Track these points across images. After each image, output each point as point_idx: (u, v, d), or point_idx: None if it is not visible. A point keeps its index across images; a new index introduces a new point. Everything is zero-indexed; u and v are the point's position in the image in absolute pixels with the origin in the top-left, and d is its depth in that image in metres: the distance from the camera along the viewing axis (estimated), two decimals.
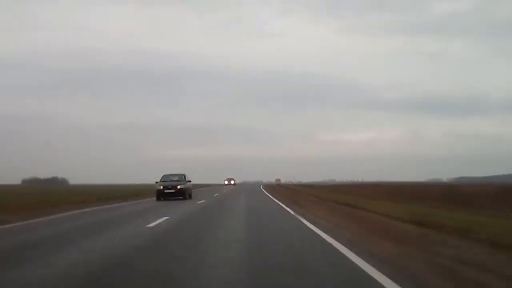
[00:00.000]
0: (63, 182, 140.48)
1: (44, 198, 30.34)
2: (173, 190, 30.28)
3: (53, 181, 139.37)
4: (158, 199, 30.39)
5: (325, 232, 11.42)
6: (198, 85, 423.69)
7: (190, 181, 32.99)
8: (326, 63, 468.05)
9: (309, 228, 12.87)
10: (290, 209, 20.49)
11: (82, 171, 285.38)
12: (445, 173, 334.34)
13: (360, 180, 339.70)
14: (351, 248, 8.76)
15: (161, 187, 30.70)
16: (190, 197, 32.52)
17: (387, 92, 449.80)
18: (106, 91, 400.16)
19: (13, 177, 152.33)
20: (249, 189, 61.00)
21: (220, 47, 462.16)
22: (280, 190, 57.86)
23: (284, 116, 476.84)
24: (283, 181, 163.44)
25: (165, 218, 16.20)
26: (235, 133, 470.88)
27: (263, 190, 54.90)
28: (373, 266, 6.95)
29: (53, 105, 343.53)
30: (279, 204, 24.27)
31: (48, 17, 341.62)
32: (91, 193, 43.70)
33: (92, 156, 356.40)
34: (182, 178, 32.20)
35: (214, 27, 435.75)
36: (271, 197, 34.14)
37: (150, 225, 13.93)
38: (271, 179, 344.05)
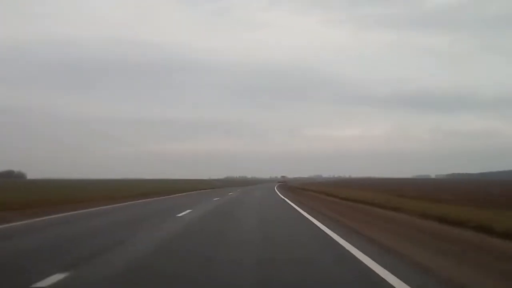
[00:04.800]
0: (20, 176, 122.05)
1: None
2: None
3: (7, 175, 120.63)
4: None
5: None
6: (184, 78, 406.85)
7: None
8: (313, 57, 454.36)
9: None
10: None
11: (43, 165, 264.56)
12: (438, 170, 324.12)
13: (348, 176, 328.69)
14: None
15: None
16: None
17: (376, 87, 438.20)
18: (78, 82, 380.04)
19: None
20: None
21: (207, 39, 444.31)
22: None
23: (272, 111, 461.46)
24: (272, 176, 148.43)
25: None
26: (220, 127, 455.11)
27: None
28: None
29: (17, 95, 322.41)
30: None
31: (38, 6, 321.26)
32: None
33: (55, 150, 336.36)
34: None
35: (201, 18, 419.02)
36: None
37: None
38: (256, 174, 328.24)
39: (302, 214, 18.35)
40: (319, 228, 12.94)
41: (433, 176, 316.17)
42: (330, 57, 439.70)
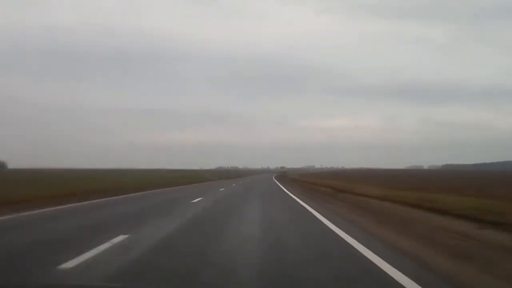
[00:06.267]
0: (0, 166, 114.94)
1: None
2: None
3: None
4: None
5: None
6: (174, 68, 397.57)
7: None
8: (305, 46, 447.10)
9: None
10: None
11: (25, 154, 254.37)
12: (432, 161, 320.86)
13: (340, 167, 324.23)
14: None
15: None
16: None
17: (370, 77, 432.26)
18: (64, 70, 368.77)
19: None
20: None
21: (197, 28, 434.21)
22: None
23: (263, 101, 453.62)
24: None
25: None
26: (209, 117, 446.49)
27: None
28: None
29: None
30: None
31: None
32: None
33: (38, 138, 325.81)
34: None
35: (190, 7, 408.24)
36: None
37: None
38: (247, 164, 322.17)
39: None
40: None
41: (426, 167, 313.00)
42: (321, 46, 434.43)
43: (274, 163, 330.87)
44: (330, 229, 10.37)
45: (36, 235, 9.35)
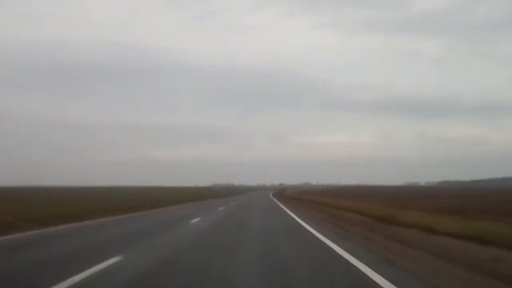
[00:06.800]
0: None
1: None
2: None
3: None
4: None
5: None
6: (168, 83, 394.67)
7: None
8: (300, 61, 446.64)
9: None
10: None
11: (12, 172, 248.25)
12: (429, 177, 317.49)
13: (337, 183, 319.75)
14: None
15: None
16: None
17: (366, 92, 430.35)
18: (57, 85, 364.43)
19: None
20: None
21: (193, 43, 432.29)
22: None
23: (259, 117, 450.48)
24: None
25: None
26: (205, 134, 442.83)
27: None
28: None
29: None
30: None
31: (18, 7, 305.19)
32: None
33: (25, 156, 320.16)
34: None
35: (186, 22, 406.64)
36: None
37: None
38: (243, 181, 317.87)
39: None
40: None
41: (422, 183, 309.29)
42: (318, 61, 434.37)
43: (269, 180, 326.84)
44: None
45: None
